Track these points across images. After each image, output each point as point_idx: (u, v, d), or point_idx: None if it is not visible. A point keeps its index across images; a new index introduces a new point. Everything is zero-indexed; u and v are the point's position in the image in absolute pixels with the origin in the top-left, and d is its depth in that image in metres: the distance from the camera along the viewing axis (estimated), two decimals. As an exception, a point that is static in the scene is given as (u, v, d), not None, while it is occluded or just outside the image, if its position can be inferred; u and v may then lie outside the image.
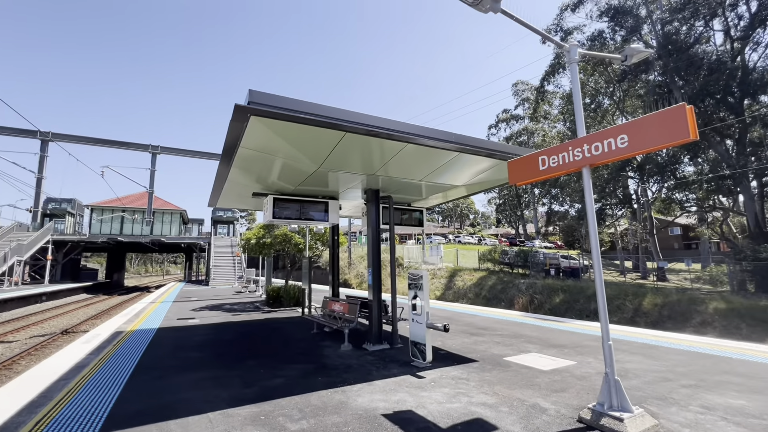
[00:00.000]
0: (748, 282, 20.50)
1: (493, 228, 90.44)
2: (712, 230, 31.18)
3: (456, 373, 5.45)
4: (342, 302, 8.35)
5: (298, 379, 5.25)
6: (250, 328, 9.75)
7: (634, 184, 33.01)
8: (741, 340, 12.53)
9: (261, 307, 14.62)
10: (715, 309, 15.17)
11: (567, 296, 20.36)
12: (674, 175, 25.61)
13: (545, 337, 8.00)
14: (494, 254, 32.18)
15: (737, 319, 14.42)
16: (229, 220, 46.89)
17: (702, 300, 16.12)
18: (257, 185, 7.79)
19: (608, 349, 3.68)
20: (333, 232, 10.02)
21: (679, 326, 15.21)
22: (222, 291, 24.04)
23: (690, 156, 25.21)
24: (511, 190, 58.55)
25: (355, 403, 4.27)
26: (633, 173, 30.24)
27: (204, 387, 4.97)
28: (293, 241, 14.42)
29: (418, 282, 6.05)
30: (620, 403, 3.55)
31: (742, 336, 13.49)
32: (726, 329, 14.15)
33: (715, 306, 15.32)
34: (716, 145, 23.96)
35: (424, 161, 6.47)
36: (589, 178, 3.95)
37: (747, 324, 14.03)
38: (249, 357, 6.64)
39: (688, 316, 15.52)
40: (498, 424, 3.67)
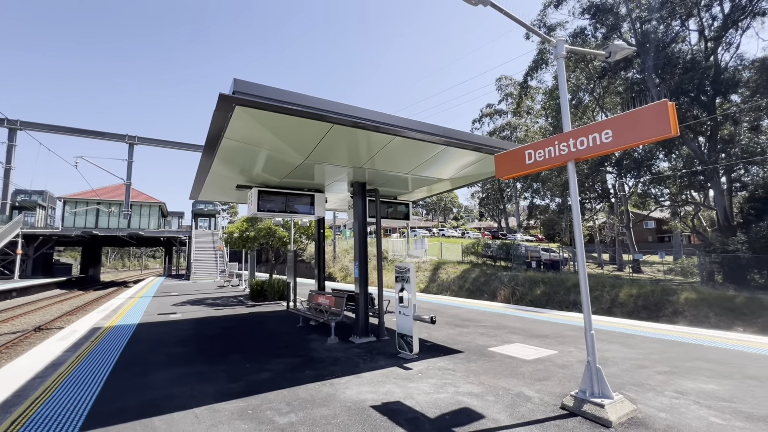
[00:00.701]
0: (717, 273, 21.52)
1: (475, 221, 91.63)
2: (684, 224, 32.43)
3: (442, 364, 5.53)
4: (328, 295, 8.33)
5: (285, 373, 5.23)
6: (235, 323, 9.62)
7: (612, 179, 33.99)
8: (710, 328, 13.17)
9: (245, 301, 14.44)
10: (686, 299, 15.85)
11: (548, 288, 20.88)
12: (650, 171, 26.45)
13: (528, 328, 8.20)
14: (477, 247, 32.67)
15: (706, 308, 15.11)
16: (211, 214, 45.95)
17: (674, 291, 16.81)
18: (241, 177, 7.64)
19: (590, 339, 3.80)
20: (319, 226, 9.96)
21: (653, 316, 15.84)
22: (204, 285, 23.61)
23: (665, 152, 26.08)
24: (494, 184, 59.33)
25: (343, 396, 4.29)
26: (611, 168, 31.10)
27: (188, 382, 4.89)
28: (277, 235, 14.25)
29: (405, 275, 6.08)
30: (601, 390, 3.67)
31: (711, 324, 14.17)
32: (696, 318, 14.82)
33: (686, 296, 16.00)
34: (689, 142, 24.83)
35: (411, 154, 6.47)
36: (574, 172, 4.03)
37: (715, 313, 14.72)
38: (234, 351, 6.56)
39: (661, 306, 16.17)
40: (484, 412, 3.75)
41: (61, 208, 36.33)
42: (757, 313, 13.91)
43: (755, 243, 18.88)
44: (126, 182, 16.64)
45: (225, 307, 12.68)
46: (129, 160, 15.83)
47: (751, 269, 19.26)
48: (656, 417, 3.57)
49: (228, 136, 5.32)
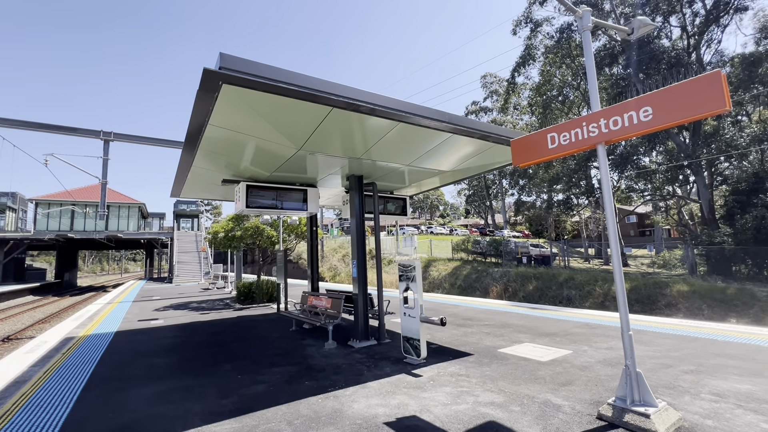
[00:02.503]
0: (700, 265, 21.90)
1: (461, 219, 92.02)
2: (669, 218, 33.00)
3: (453, 369, 5.11)
4: (324, 297, 7.81)
5: (282, 385, 4.71)
6: (222, 328, 9.00)
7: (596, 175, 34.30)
8: (704, 320, 13.18)
9: (232, 304, 13.75)
10: (678, 292, 15.91)
11: (540, 283, 20.79)
12: (636, 165, 26.71)
13: (533, 326, 7.87)
14: (467, 244, 32.52)
15: (699, 300, 15.19)
16: (193, 214, 44.59)
17: (666, 283, 16.88)
18: (227, 171, 7.04)
19: (628, 340, 3.42)
20: (311, 223, 9.41)
21: (647, 309, 15.85)
22: (187, 288, 22.67)
23: (651, 147, 26.37)
24: (480, 181, 59.53)
25: (351, 411, 3.81)
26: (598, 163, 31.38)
27: (173, 399, 4.32)
28: (266, 234, 13.61)
29: (410, 273, 5.63)
30: (642, 396, 3.30)
31: (704, 316, 14.22)
32: (690, 310, 14.88)
33: (679, 289, 16.07)
34: (674, 136, 25.17)
35: (414, 143, 6.02)
36: (605, 156, 3.65)
37: (708, 305, 14.80)
38: (223, 361, 5.99)
39: (654, 299, 16.20)
40: (513, 426, 3.33)
41: (32, 210, 34.51)
42: (749, 304, 14.02)
43: (741, 235, 19.18)
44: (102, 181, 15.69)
45: (211, 312, 12.00)
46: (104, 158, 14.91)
47: (736, 261, 19.57)
48: (704, 426, 3.22)
49: (214, 122, 4.75)
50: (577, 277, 19.93)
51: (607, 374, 4.64)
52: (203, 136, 5.14)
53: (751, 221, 18.71)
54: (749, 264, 19.30)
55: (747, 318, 13.59)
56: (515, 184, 46.66)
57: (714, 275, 19.56)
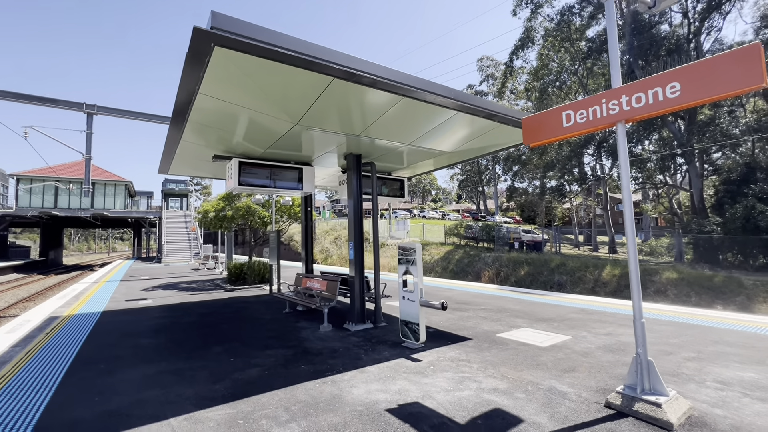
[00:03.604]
0: (687, 253, 22.32)
1: (453, 203, 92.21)
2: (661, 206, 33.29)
3: (453, 353, 5.00)
4: (319, 279, 7.63)
5: (278, 369, 4.55)
6: (213, 309, 8.80)
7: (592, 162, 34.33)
8: (693, 306, 13.39)
9: (222, 285, 13.53)
10: (667, 279, 16.15)
11: (531, 269, 20.95)
12: (631, 153, 26.71)
13: (529, 311, 7.82)
14: (460, 229, 32.58)
15: (687, 287, 15.45)
16: (182, 194, 43.75)
17: (656, 270, 17.11)
18: (219, 146, 6.69)
19: (641, 328, 3.31)
20: (306, 203, 9.13)
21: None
22: (177, 268, 22.34)
23: (646, 134, 26.35)
24: (473, 166, 59.33)
25: (350, 396, 3.66)
26: (592, 151, 31.36)
27: (163, 383, 4.14)
28: (258, 214, 13.29)
29: (410, 256, 5.45)
30: (653, 385, 3.21)
31: (692, 303, 14.48)
32: (678, 297, 15.13)
33: (668, 276, 16.31)
34: (670, 125, 25.15)
35: (417, 121, 5.74)
36: (624, 136, 3.44)
37: (695, 292, 15.06)
38: (215, 343, 5.80)
39: (644, 286, 16.41)
40: (520, 414, 3.22)
41: (14, 186, 33.42)
42: (735, 292, 14.29)
43: (730, 224, 19.43)
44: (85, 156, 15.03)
45: (201, 292, 11.77)
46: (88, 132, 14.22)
47: (724, 249, 19.90)
48: (714, 415, 3.15)
49: (205, 92, 4.41)
50: (568, 263, 20.12)
51: (609, 361, 4.57)
52: (193, 106, 4.80)
53: (741, 211, 18.93)
54: (736, 253, 19.66)
55: (733, 305, 13.86)
56: (509, 170, 46.51)
57: (702, 263, 19.90)
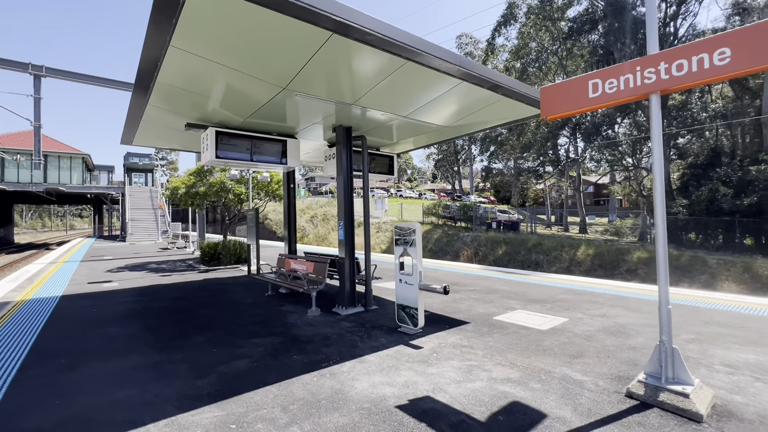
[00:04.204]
0: (648, 233, 23.42)
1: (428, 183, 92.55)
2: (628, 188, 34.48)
3: (454, 339, 4.77)
4: (303, 260, 7.18)
5: (267, 360, 4.15)
6: (188, 292, 8.20)
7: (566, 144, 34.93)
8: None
9: (196, 265, 12.79)
10: (638, 258, 16.78)
11: (509, 248, 21.27)
12: (606, 135, 27.27)
13: (519, 291, 7.74)
14: (438, 209, 32.65)
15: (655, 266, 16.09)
16: (147, 168, 41.24)
17: (627, 250, 17.73)
18: (193, 113, 5.97)
19: (666, 315, 3.12)
20: (288, 179, 8.52)
21: (609, 274, 16.65)
22: (144, 248, 21.12)
23: (622, 117, 26.88)
24: (450, 146, 59.30)
25: (354, 392, 3.33)
26: (567, 132, 31.82)
27: (137, 380, 3.65)
28: (234, 191, 12.49)
29: (408, 237, 5.09)
30: (677, 374, 3.06)
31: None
32: (647, 275, 15.77)
33: (638, 255, 16.94)
34: (644, 108, 25.72)
35: (416, 90, 5.27)
36: (659, 108, 3.15)
37: (664, 271, 15.71)
38: (194, 331, 5.31)
39: (616, 265, 17.02)
40: (541, 407, 3.00)
41: (-48, 157, 30.17)
42: (700, 270, 15.03)
43: (695, 207, 20.34)
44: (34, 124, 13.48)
45: (173, 273, 11.04)
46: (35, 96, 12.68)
47: (688, 230, 20.90)
48: (736, 403, 3.05)
49: (178, 44, 3.75)
50: (544, 243, 20.54)
51: (614, 345, 4.47)
52: (162, 63, 4.11)
53: (706, 194, 19.81)
54: (699, 233, 20.71)
55: (698, 283, 14.60)
56: (486, 150, 46.72)
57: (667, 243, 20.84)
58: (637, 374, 3.58)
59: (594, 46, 28.03)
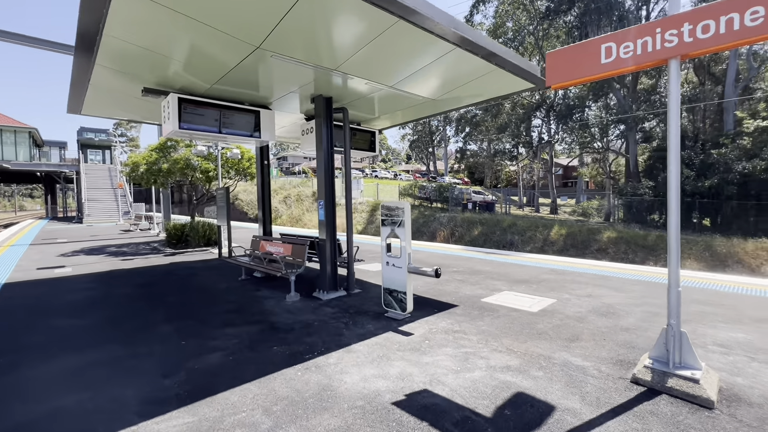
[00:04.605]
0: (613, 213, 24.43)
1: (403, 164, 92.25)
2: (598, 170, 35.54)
3: (445, 324, 4.53)
4: (279, 242, 6.70)
5: (244, 352, 3.75)
6: (153, 277, 7.56)
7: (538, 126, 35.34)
8: (629, 263, 14.50)
9: (161, 248, 11.97)
10: (608, 238, 17.32)
11: (485, 228, 21.46)
12: (580, 118, 27.70)
13: (502, 272, 7.65)
14: (413, 189, 32.50)
15: (624, 245, 16.70)
16: (104, 145, 38.41)
17: (598, 230, 18.26)
18: (150, 77, 5.24)
19: (676, 297, 2.96)
20: (262, 155, 7.89)
21: (580, 253, 17.12)
22: (103, 230, 19.72)
23: (595, 99, 27.33)
24: (425, 126, 58.96)
25: (343, 387, 3.01)
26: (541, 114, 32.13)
27: (92, 381, 3.17)
28: (201, 168, 11.63)
29: (396, 217, 4.74)
30: (684, 358, 2.94)
31: (629, 260, 15.70)
32: (617, 254, 16.33)
33: (608, 235, 17.49)
34: (616, 92, 26.24)
35: (406, 55, 4.81)
36: (678, 75, 2.90)
37: (632, 250, 16.34)
38: (160, 321, 4.80)
39: (587, 245, 17.52)
40: (547, 398, 2.80)
41: None
42: (665, 249, 15.67)
43: (660, 188, 21.15)
44: (-34, 91, 11.83)
45: (136, 257, 10.24)
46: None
47: (653, 211, 21.79)
48: (740, 386, 2.97)
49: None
50: (519, 223, 20.85)
51: (607, 327, 4.38)
52: (109, 10, 3.44)
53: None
54: (662, 214, 21.64)
55: (662, 261, 15.25)
56: (461, 131, 46.69)
57: (633, 223, 21.70)
58: (637, 357, 3.47)
59: (570, 27, 28.06)
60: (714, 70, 25.57)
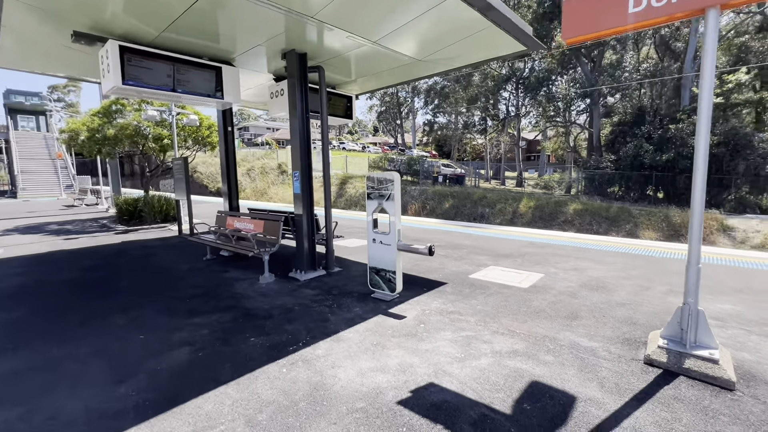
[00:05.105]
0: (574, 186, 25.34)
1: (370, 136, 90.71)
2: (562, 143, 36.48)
3: (437, 304, 4.23)
4: (248, 218, 6.07)
5: (217, 346, 3.25)
6: (103, 259, 6.71)
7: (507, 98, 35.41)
8: (594, 234, 15.04)
9: (111, 225, 10.83)
10: (574, 210, 17.84)
11: (456, 201, 21.48)
12: (549, 91, 27.89)
13: (483, 246, 7.48)
14: (383, 162, 31.94)
15: (589, 217, 17.29)
16: (37, 110, 34.36)
17: (565, 203, 18.77)
18: (82, 18, 4.29)
19: (695, 275, 2.78)
20: (225, 120, 7.03)
21: (548, 225, 17.57)
22: (42, 205, 17.77)
23: (562, 72, 27.51)
24: (393, 97, 57.70)
25: (339, 385, 2.63)
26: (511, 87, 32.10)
27: (21, 392, 2.58)
28: (153, 136, 10.41)
29: (384, 190, 4.29)
30: (700, 337, 2.80)
31: (593, 230, 16.30)
32: (582, 226, 16.90)
33: (575, 207, 18.01)
34: (584, 65, 26.51)
35: (394, 3, 4.20)
36: (716, 26, 2.57)
37: (596, 221, 16.96)
38: (112, 311, 4.15)
39: (554, 216, 17.98)
40: (565, 386, 2.57)
41: None
42: (627, 220, 16.41)
43: (622, 162, 21.95)
44: None
45: (81, 236, 9.15)
46: None
47: (613, 183, 22.69)
48: (750, 362, 2.90)
49: None
50: (489, 196, 21.02)
51: (602, 302, 4.26)
52: None
53: (632, 150, 21.38)
54: (622, 186, 22.62)
55: (623, 232, 15.97)
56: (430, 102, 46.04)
57: (595, 195, 22.56)
58: (641, 335, 3.34)
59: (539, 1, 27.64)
60: (674, 46, 26.36)
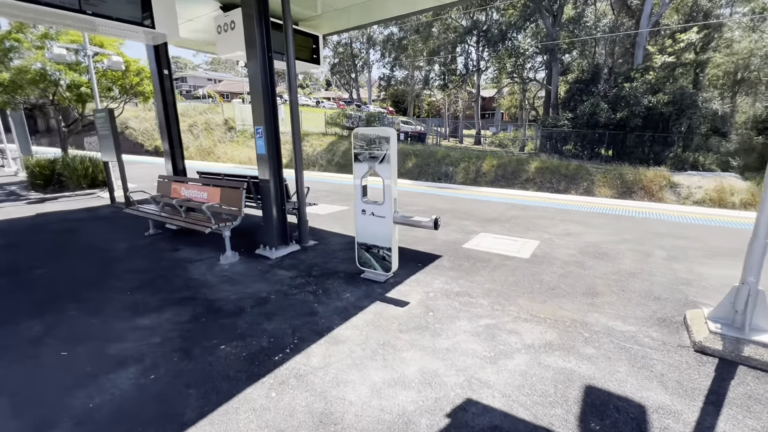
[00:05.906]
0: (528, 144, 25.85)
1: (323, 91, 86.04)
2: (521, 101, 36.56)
3: (439, 283, 3.67)
4: (199, 184, 5.00)
5: (174, 362, 2.46)
6: (10, 236, 5.36)
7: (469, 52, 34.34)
8: (553, 191, 15.34)
9: (21, 192, 8.98)
10: (536, 168, 18.03)
11: (419, 160, 20.92)
12: (511, 45, 27.21)
13: (464, 210, 7.01)
14: (341, 119, 30.20)
15: (549, 175, 17.59)
16: None
17: (526, 161, 18.89)
18: None
19: (762, 250, 2.39)
20: (159, 59, 5.59)
21: (510, 184, 17.68)
22: (-72, 168, 14.62)
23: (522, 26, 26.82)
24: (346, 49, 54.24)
25: (351, 412, 1.99)
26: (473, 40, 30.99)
27: None
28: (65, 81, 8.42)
29: (377, 150, 3.49)
30: (757, 321, 2.47)
31: (554, 188, 16.63)
32: (542, 184, 17.18)
33: (536, 166, 18.20)
34: (545, 19, 25.94)
35: None
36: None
37: (556, 179, 17.29)
38: (20, 311, 3.12)
39: (517, 175, 18.10)
40: (626, 392, 2.14)
41: None
42: (585, 178, 16.88)
43: (579, 120, 22.35)
44: None
45: (-20, 207, 7.42)
46: None
47: (569, 141, 23.23)
48: (794, 340, 2.65)
49: None
50: (452, 155, 20.66)
51: (613, 273, 3.94)
52: None
53: (588, 108, 21.74)
54: (577, 145, 23.24)
55: (581, 189, 16.47)
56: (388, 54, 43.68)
57: (552, 153, 23.03)
58: (672, 314, 3.03)
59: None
60: (630, 3, 26.46)
